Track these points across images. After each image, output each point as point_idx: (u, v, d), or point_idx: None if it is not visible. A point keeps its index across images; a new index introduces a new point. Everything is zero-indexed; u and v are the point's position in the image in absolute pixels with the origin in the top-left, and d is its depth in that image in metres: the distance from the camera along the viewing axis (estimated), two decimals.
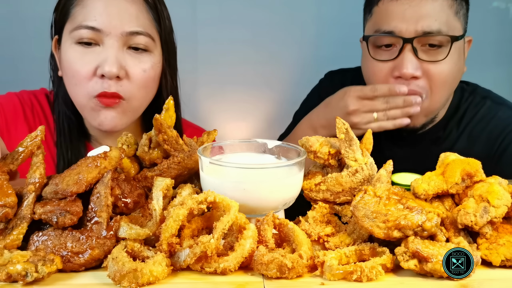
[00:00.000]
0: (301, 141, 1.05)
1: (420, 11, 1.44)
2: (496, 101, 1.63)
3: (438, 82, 1.46)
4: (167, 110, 1.06)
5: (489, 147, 1.57)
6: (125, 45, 1.34)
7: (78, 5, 1.34)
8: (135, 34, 1.34)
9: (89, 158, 0.91)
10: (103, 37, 1.32)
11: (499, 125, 1.58)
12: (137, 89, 1.37)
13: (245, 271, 0.84)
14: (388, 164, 1.01)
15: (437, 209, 0.88)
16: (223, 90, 2.56)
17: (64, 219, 0.84)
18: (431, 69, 1.45)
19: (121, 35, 1.32)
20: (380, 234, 0.85)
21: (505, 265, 0.87)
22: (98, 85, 1.32)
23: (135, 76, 1.35)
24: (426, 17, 1.43)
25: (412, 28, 1.44)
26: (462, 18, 1.51)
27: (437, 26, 1.44)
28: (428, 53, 1.46)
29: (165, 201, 0.91)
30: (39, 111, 1.48)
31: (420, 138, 1.62)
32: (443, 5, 1.46)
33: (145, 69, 1.37)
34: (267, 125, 2.59)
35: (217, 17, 2.50)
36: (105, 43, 1.32)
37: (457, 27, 1.49)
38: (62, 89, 1.43)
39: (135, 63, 1.35)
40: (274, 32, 2.55)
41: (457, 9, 1.48)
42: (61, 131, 1.45)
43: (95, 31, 1.31)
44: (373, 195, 0.89)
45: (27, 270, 0.77)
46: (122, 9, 1.33)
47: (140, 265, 0.78)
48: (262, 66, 2.59)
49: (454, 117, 1.62)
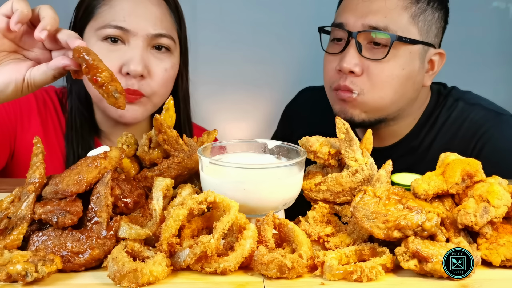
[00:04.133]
0: (301, 141, 1.05)
1: (371, 6, 1.43)
2: (469, 102, 1.57)
3: (376, 82, 1.43)
4: (167, 110, 1.06)
5: (464, 150, 1.47)
6: (149, 45, 1.41)
7: (105, 5, 1.41)
8: (160, 36, 1.42)
9: (89, 158, 0.91)
10: (130, 37, 1.39)
11: (472, 127, 1.52)
12: (158, 87, 1.44)
13: (245, 271, 0.84)
14: (387, 164, 1.01)
15: (437, 209, 0.88)
16: (223, 90, 2.57)
17: (64, 219, 0.84)
18: (372, 67, 1.43)
19: (147, 36, 1.39)
20: (380, 234, 0.85)
21: (505, 265, 0.87)
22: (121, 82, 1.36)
23: (157, 75, 1.42)
24: (376, 13, 1.42)
25: (360, 22, 1.42)
26: (423, 25, 1.46)
27: (384, 23, 1.41)
28: (372, 51, 1.43)
29: (165, 201, 0.91)
30: (50, 107, 1.53)
31: (395, 149, 1.58)
32: (397, 5, 1.43)
33: (166, 68, 1.44)
34: (267, 125, 2.59)
35: (217, 17, 2.50)
36: (131, 43, 1.39)
37: (412, 31, 1.44)
38: (76, 85, 1.49)
39: (157, 63, 1.42)
40: (274, 32, 2.55)
41: (415, 13, 1.44)
42: (72, 126, 1.49)
43: (123, 31, 1.38)
44: (373, 196, 0.89)
45: (27, 270, 0.77)
46: (149, 12, 1.41)
47: (140, 265, 0.78)
48: (262, 66, 2.59)
49: (427, 123, 1.58)
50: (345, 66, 1.42)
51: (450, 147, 1.45)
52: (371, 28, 1.41)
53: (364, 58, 1.43)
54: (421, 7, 1.45)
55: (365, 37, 1.43)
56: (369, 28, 1.41)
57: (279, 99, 2.36)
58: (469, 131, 1.53)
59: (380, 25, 1.41)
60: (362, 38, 1.43)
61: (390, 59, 1.42)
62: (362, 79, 1.44)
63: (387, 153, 1.58)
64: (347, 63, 1.42)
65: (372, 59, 1.43)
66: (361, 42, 1.43)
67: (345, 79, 1.44)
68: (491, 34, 2.56)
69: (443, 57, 1.53)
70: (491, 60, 2.60)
